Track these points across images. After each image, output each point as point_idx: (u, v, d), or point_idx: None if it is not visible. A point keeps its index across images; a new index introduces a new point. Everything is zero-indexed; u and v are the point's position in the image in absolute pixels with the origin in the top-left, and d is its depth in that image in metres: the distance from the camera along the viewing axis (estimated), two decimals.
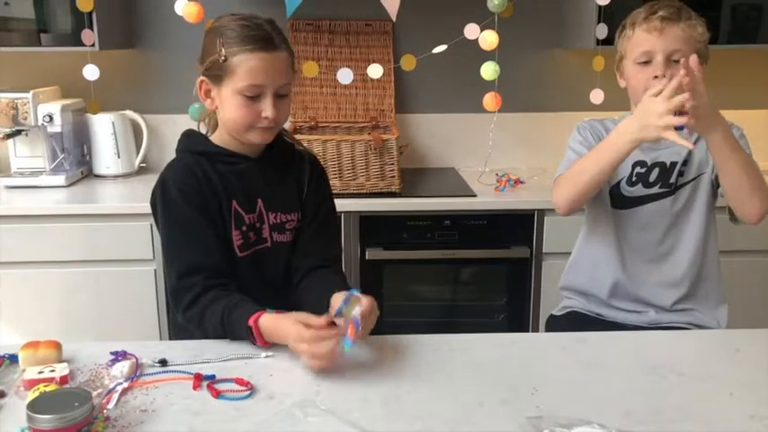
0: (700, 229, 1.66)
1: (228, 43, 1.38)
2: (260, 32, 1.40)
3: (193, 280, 1.38)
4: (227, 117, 1.44)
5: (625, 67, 1.65)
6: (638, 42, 1.60)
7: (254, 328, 1.29)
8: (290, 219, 1.53)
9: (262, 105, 1.41)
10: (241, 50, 1.38)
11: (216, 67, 1.40)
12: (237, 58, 1.38)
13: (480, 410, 1.11)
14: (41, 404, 0.97)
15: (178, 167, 1.47)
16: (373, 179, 2.41)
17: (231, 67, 1.39)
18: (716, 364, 1.29)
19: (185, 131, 1.54)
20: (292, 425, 1.06)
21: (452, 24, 2.39)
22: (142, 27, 2.78)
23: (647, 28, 1.58)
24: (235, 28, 1.39)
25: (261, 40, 1.39)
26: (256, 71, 1.38)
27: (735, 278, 1.91)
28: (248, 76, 1.38)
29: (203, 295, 1.37)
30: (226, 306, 1.34)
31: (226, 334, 1.35)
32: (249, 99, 1.40)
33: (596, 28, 2.40)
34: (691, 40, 1.57)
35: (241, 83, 1.39)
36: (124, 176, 2.70)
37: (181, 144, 1.52)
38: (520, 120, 2.86)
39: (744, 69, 2.85)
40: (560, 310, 1.82)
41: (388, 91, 2.77)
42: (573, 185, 1.58)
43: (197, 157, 1.47)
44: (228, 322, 1.33)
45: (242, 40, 1.38)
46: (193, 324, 1.39)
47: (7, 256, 2.30)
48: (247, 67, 1.38)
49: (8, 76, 2.72)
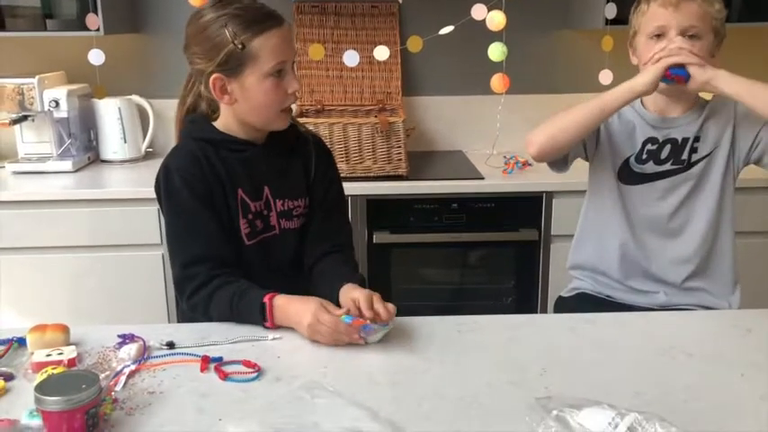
0: (713, 206, 1.64)
1: (240, 30, 1.34)
2: (263, 11, 1.38)
3: (197, 270, 1.38)
4: (256, 106, 1.41)
5: (638, 42, 1.63)
6: (652, 17, 1.57)
7: (267, 304, 1.30)
8: (297, 205, 1.52)
9: (286, 81, 1.40)
10: (258, 32, 1.35)
11: (234, 59, 1.36)
12: (258, 41, 1.35)
13: (489, 391, 1.11)
14: (49, 386, 0.97)
15: (182, 155, 1.45)
16: (380, 162, 2.40)
17: (253, 53, 1.36)
18: (727, 345, 1.28)
19: (189, 117, 1.51)
20: (300, 406, 1.05)
21: (459, 5, 2.36)
22: (147, 11, 2.77)
23: (662, 2, 1.56)
24: (238, 14, 1.36)
25: (270, 18, 1.37)
26: (279, 48, 1.37)
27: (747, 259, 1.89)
28: (273, 55, 1.37)
29: (208, 283, 1.37)
30: (235, 291, 1.35)
31: (233, 317, 1.35)
32: (277, 79, 1.38)
33: (605, 7, 2.37)
34: (707, 17, 1.55)
35: (267, 64, 1.37)
36: (131, 161, 2.70)
37: (185, 130, 1.50)
38: (528, 101, 2.83)
39: (757, 49, 2.80)
40: (569, 292, 1.80)
41: (395, 73, 2.75)
42: (555, 125, 1.56)
43: (201, 143, 1.45)
44: (238, 305, 1.33)
45: (253, 22, 1.36)
46: (199, 310, 1.39)
47: (15, 242, 2.31)
48: (270, 47, 1.36)
49: (14, 61, 2.71)
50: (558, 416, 1.00)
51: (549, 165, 1.68)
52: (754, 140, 1.60)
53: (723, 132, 1.61)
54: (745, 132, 1.61)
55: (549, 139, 1.56)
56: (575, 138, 1.56)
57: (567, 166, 1.68)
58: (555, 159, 1.65)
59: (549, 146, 1.57)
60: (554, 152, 1.60)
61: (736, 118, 1.61)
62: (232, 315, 1.35)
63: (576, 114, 1.55)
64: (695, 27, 1.53)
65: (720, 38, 1.59)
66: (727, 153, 1.62)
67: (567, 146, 1.59)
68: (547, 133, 1.57)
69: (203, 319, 1.39)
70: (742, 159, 1.63)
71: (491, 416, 1.04)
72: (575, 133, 1.55)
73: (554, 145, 1.57)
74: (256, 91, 1.39)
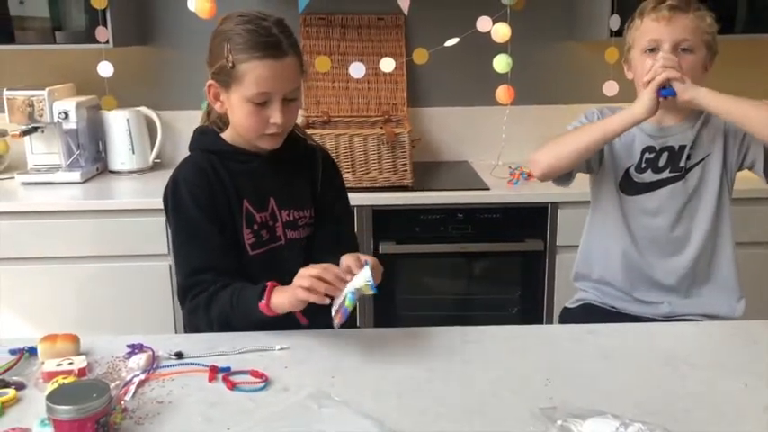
0: (711, 213, 1.66)
1: (236, 49, 1.36)
2: (268, 39, 1.36)
3: (200, 278, 1.41)
4: (237, 123, 1.44)
5: (633, 57, 1.65)
6: (645, 31, 1.60)
7: (269, 286, 1.31)
8: (302, 215, 1.54)
9: (270, 111, 1.40)
10: (249, 58, 1.35)
11: (224, 73, 1.39)
12: (245, 66, 1.36)
13: (493, 401, 1.12)
14: (60, 395, 0.98)
15: (189, 167, 1.48)
16: (386, 173, 2.41)
17: (239, 75, 1.37)
18: (730, 355, 1.29)
19: (197, 129, 1.55)
20: (307, 416, 1.06)
21: (464, 17, 2.39)
22: (155, 24, 2.80)
23: (655, 17, 1.58)
24: (242, 33, 1.36)
25: (269, 48, 1.36)
26: (264, 79, 1.36)
27: (751, 270, 1.90)
28: (256, 84, 1.36)
29: (208, 288, 1.39)
30: (236, 287, 1.37)
31: (232, 312, 1.36)
32: (258, 106, 1.39)
33: (610, 19, 2.39)
34: (698, 31, 1.58)
35: (249, 91, 1.37)
36: (139, 172, 2.72)
37: (193, 142, 1.53)
38: (533, 112, 2.84)
39: (761, 60, 2.82)
40: (574, 303, 1.81)
41: (401, 85, 2.77)
42: (559, 147, 1.61)
43: (208, 155, 1.48)
44: (239, 297, 1.35)
45: (250, 46, 1.35)
46: (199, 312, 1.40)
47: (24, 252, 2.33)
48: (255, 76, 1.36)
49: (24, 73, 2.74)
50: (563, 426, 1.01)
51: (552, 181, 1.71)
52: (741, 145, 1.63)
53: (715, 138, 1.64)
54: (734, 138, 1.64)
55: (553, 161, 1.62)
56: (577, 161, 1.61)
57: (570, 181, 1.71)
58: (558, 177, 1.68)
59: (552, 168, 1.63)
60: (557, 173, 1.65)
61: (726, 124, 1.63)
62: (232, 310, 1.36)
63: (578, 139, 1.59)
64: (688, 40, 1.56)
65: (713, 53, 1.62)
66: (721, 159, 1.64)
67: (569, 167, 1.64)
68: (550, 156, 1.62)
69: (203, 323, 1.41)
70: (735, 164, 1.65)
71: (496, 425, 1.05)
72: (577, 157, 1.60)
73: (557, 167, 1.63)
74: (237, 110, 1.41)
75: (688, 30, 1.57)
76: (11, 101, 2.51)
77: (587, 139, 1.57)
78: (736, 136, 1.63)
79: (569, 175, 1.69)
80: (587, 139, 1.57)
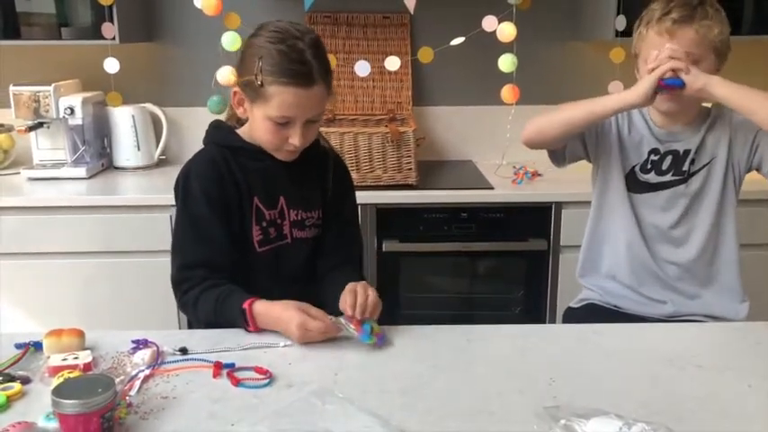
0: (713, 216, 1.66)
1: (267, 70, 1.36)
2: (299, 67, 1.35)
3: (192, 273, 1.43)
4: (257, 134, 1.46)
5: (639, 65, 1.64)
6: (650, 44, 1.58)
7: (247, 310, 1.33)
8: (310, 216, 1.55)
9: (290, 132, 1.41)
10: (277, 81, 1.36)
11: (252, 88, 1.39)
12: (273, 88, 1.36)
13: (497, 400, 1.12)
14: (66, 390, 0.98)
15: (202, 160, 1.49)
16: (390, 171, 2.41)
17: (266, 94, 1.37)
18: (735, 356, 1.29)
19: (213, 122, 1.56)
20: (311, 413, 1.07)
21: (470, 16, 2.39)
22: (162, 20, 2.80)
23: (658, 30, 1.56)
24: (275, 55, 1.36)
25: (298, 76, 1.35)
26: (288, 105, 1.37)
27: (756, 271, 1.90)
28: (279, 108, 1.37)
29: (199, 285, 1.41)
30: (220, 293, 1.38)
31: (217, 319, 1.38)
32: (279, 125, 1.40)
33: (615, 19, 2.39)
34: (704, 42, 1.54)
35: (272, 112, 1.38)
36: (144, 168, 2.72)
37: (207, 136, 1.54)
38: (538, 112, 2.81)
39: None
40: (578, 303, 1.81)
41: (406, 83, 2.77)
42: (545, 118, 1.64)
43: (222, 149, 1.49)
44: (222, 308, 1.37)
45: (279, 70, 1.35)
46: (188, 310, 1.44)
47: (29, 247, 2.34)
48: (280, 100, 1.37)
49: (30, 69, 2.74)
50: (566, 425, 1.01)
51: (548, 155, 1.74)
52: (751, 146, 1.62)
53: (719, 143, 1.63)
54: (742, 140, 1.62)
55: (538, 129, 1.66)
56: (561, 133, 1.63)
57: (564, 161, 1.74)
58: (550, 150, 1.71)
59: (535, 135, 1.66)
60: (540, 143, 1.68)
61: (732, 127, 1.63)
62: (216, 317, 1.38)
63: (564, 112, 1.62)
64: (692, 53, 1.53)
65: (724, 56, 1.59)
66: (725, 163, 1.63)
67: (554, 139, 1.66)
68: (537, 124, 1.66)
69: (193, 320, 1.47)
70: (743, 167, 1.65)
71: (499, 424, 1.05)
72: (560, 129, 1.62)
73: (541, 136, 1.66)
74: (259, 123, 1.43)
75: (693, 42, 1.53)
76: (17, 96, 2.51)
77: (573, 114, 1.60)
78: (746, 136, 1.61)
79: (563, 155, 1.72)
80: (573, 114, 1.60)
